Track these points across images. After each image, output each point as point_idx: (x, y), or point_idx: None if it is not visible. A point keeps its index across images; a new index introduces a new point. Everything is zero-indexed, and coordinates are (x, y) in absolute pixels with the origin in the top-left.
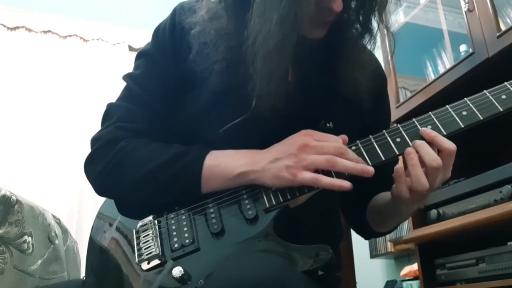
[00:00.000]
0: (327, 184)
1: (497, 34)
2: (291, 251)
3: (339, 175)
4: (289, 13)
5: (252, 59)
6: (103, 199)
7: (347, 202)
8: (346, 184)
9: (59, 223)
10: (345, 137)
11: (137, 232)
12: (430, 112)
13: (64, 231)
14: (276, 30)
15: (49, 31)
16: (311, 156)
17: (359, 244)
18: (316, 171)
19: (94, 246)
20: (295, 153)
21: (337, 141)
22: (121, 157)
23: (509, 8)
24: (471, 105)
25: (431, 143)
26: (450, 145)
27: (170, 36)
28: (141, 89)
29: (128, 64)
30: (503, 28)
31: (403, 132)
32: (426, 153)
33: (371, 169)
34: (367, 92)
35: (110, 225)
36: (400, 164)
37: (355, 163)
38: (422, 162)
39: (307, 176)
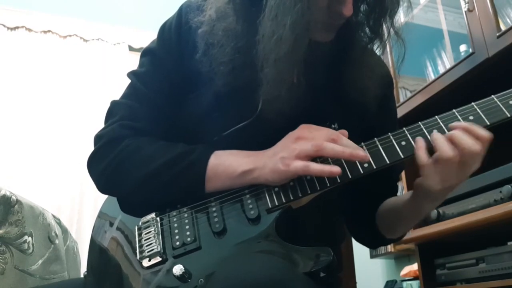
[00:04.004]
0: (316, 170)
1: (497, 34)
2: (292, 252)
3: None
4: (303, 18)
5: (262, 63)
6: (103, 199)
7: (353, 213)
8: (335, 169)
9: (59, 223)
10: (344, 131)
11: (139, 229)
12: (436, 116)
13: (64, 231)
14: (289, 35)
15: (49, 31)
16: (301, 145)
17: (359, 244)
18: (315, 160)
19: (95, 244)
20: (289, 145)
21: (331, 131)
22: (125, 156)
23: (509, 8)
24: (478, 110)
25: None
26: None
27: (176, 35)
28: (145, 87)
29: (128, 64)
30: (503, 28)
31: (408, 135)
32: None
33: (361, 154)
34: (373, 95)
35: (112, 223)
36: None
37: (344, 147)
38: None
39: (299, 164)
